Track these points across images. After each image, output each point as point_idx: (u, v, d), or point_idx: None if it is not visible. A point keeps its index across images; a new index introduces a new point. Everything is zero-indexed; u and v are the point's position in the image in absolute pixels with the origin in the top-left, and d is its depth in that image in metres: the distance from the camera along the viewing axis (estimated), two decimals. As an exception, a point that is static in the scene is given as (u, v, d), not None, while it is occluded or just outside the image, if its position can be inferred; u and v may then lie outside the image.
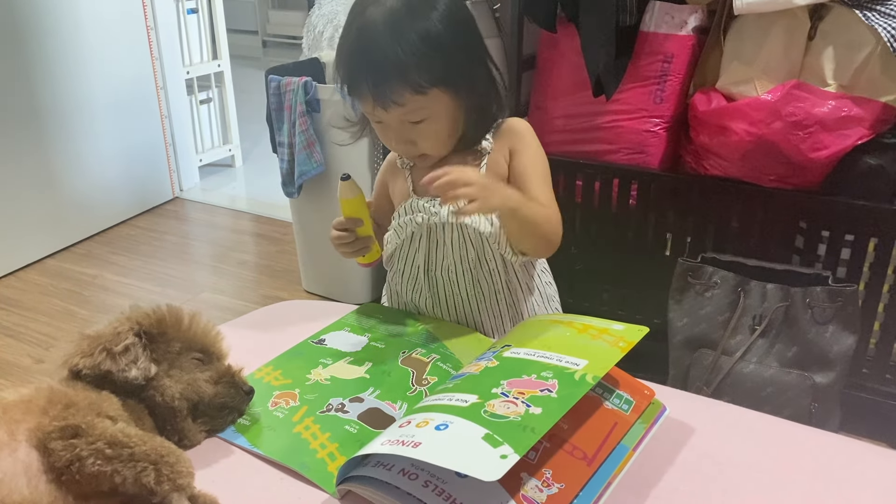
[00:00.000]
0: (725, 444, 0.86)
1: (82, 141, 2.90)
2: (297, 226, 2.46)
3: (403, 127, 1.00)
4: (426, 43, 0.93)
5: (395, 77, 0.93)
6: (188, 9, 3.33)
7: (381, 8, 0.94)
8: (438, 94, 0.97)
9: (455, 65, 0.96)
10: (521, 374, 0.79)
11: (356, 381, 0.94)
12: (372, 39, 0.94)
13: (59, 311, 2.43)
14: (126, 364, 0.77)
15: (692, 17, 1.73)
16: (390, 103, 0.95)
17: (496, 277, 1.09)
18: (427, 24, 0.94)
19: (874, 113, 1.54)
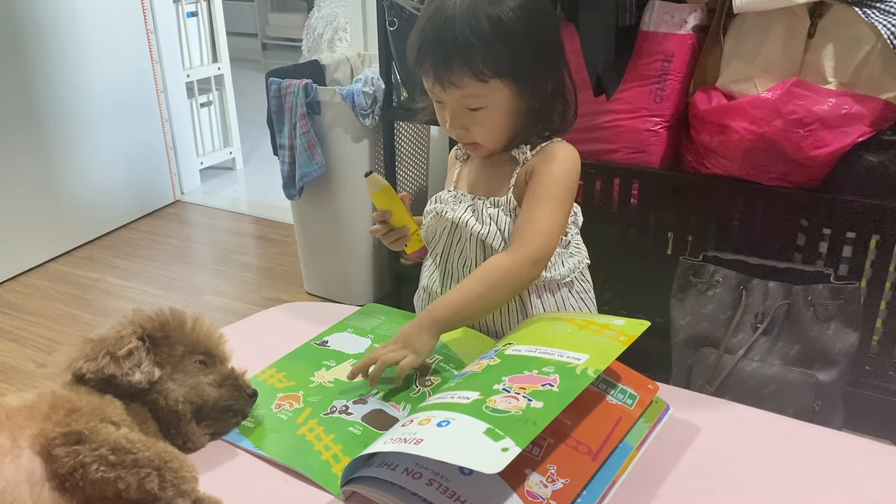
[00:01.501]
0: (730, 442, 0.87)
1: (83, 145, 2.90)
2: (298, 228, 2.46)
3: (461, 111, 0.99)
4: (497, 32, 0.93)
5: (459, 59, 0.94)
6: (188, 12, 3.33)
7: None
8: (499, 86, 0.97)
9: (522, 61, 0.96)
10: (523, 370, 0.79)
11: (359, 382, 0.94)
12: (445, 17, 0.94)
13: (62, 315, 2.43)
14: (130, 368, 0.78)
15: (692, 16, 1.72)
16: (449, 84, 0.96)
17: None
18: (502, 13, 0.93)
19: (875, 110, 1.54)
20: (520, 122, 1.01)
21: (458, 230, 1.08)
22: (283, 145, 2.24)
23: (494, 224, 1.04)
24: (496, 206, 1.05)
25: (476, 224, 1.05)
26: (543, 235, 0.98)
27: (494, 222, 1.04)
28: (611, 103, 1.80)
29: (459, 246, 1.10)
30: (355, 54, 2.53)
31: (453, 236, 1.10)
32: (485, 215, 1.05)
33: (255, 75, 4.93)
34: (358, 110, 2.13)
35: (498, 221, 1.04)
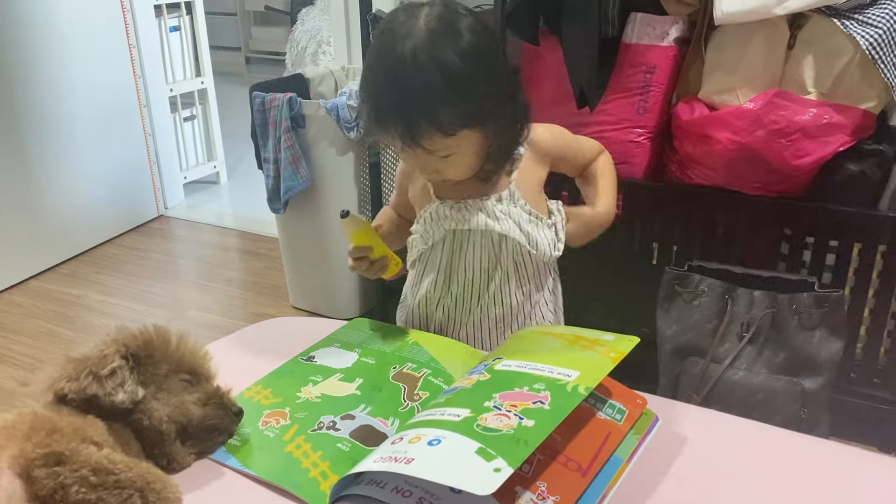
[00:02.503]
0: (719, 452, 0.86)
1: (65, 160, 2.88)
2: (283, 242, 2.45)
3: (431, 160, 1.00)
4: (454, 89, 0.92)
5: (425, 122, 0.93)
6: (171, 26, 3.32)
7: (408, 45, 0.91)
8: (467, 134, 0.97)
9: (482, 105, 0.96)
10: (514, 386, 0.79)
11: (347, 398, 0.93)
12: (401, 82, 0.92)
13: (44, 332, 2.40)
14: (113, 388, 0.76)
15: (673, 28, 1.74)
16: (417, 146, 0.95)
17: (511, 280, 1.10)
18: (455, 66, 0.91)
19: (855, 120, 1.56)
20: (493, 152, 1.02)
21: (465, 237, 1.09)
22: (267, 159, 2.23)
23: (510, 219, 1.06)
24: (500, 201, 1.06)
25: (496, 225, 1.06)
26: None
27: (509, 217, 1.06)
28: (594, 115, 1.81)
29: (462, 254, 1.10)
30: (339, 68, 2.53)
31: (455, 246, 1.10)
32: (499, 213, 1.06)
33: (239, 89, 4.92)
34: (343, 123, 2.13)
35: (511, 215, 1.06)
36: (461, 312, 1.13)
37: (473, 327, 1.13)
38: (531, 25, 1.87)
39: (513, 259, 1.09)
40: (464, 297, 1.12)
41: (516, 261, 1.09)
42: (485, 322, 1.12)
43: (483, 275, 1.10)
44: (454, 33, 0.93)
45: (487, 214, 1.06)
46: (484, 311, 1.12)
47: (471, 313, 1.12)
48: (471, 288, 1.11)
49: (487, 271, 1.10)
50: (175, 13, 3.36)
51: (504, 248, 1.08)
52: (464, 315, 1.13)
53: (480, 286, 1.11)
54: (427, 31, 0.92)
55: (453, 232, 1.09)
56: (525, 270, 1.10)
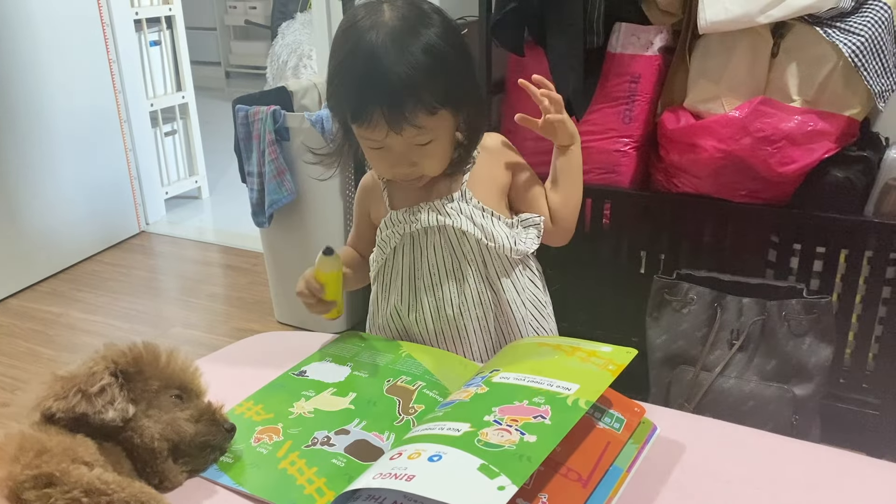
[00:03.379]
0: (717, 460, 0.86)
1: (44, 176, 2.84)
2: (268, 256, 2.43)
3: (409, 150, 0.99)
4: (434, 61, 0.93)
5: (412, 100, 0.93)
6: (151, 41, 3.30)
7: (381, 32, 0.93)
8: (446, 115, 0.98)
9: (458, 83, 0.97)
10: (513, 400, 0.78)
11: (341, 412, 0.92)
12: (381, 63, 0.92)
13: (24, 351, 2.36)
14: (103, 405, 0.74)
15: (657, 38, 1.75)
16: (407, 126, 0.94)
17: (478, 279, 1.09)
18: (430, 42, 0.93)
19: (839, 127, 1.57)
20: (457, 143, 1.04)
21: (422, 240, 1.09)
22: (251, 172, 2.22)
23: (462, 215, 1.07)
24: (451, 200, 1.07)
25: (447, 220, 1.06)
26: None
27: (461, 213, 1.07)
28: (581, 125, 1.81)
29: (423, 259, 1.10)
30: (322, 80, 2.52)
31: (415, 252, 1.10)
32: (450, 211, 1.06)
33: (219, 103, 4.90)
34: (327, 136, 2.11)
35: (463, 211, 1.07)
36: (436, 321, 1.11)
37: (452, 334, 1.11)
38: (516, 36, 1.87)
39: (476, 256, 1.08)
40: (435, 303, 1.10)
41: (481, 258, 1.08)
42: (462, 328, 1.11)
43: (449, 277, 1.09)
44: (424, 17, 0.96)
45: (438, 212, 1.07)
46: (459, 318, 1.10)
47: (446, 321, 1.10)
48: (440, 292, 1.10)
49: (453, 273, 1.09)
50: (155, 28, 3.34)
51: (463, 246, 1.07)
52: (440, 323, 1.11)
53: (449, 290, 1.09)
54: (397, 18, 0.94)
55: (410, 236, 1.09)
56: (493, 269, 1.09)
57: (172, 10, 3.38)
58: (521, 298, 1.12)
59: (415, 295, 1.11)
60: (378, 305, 1.18)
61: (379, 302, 1.18)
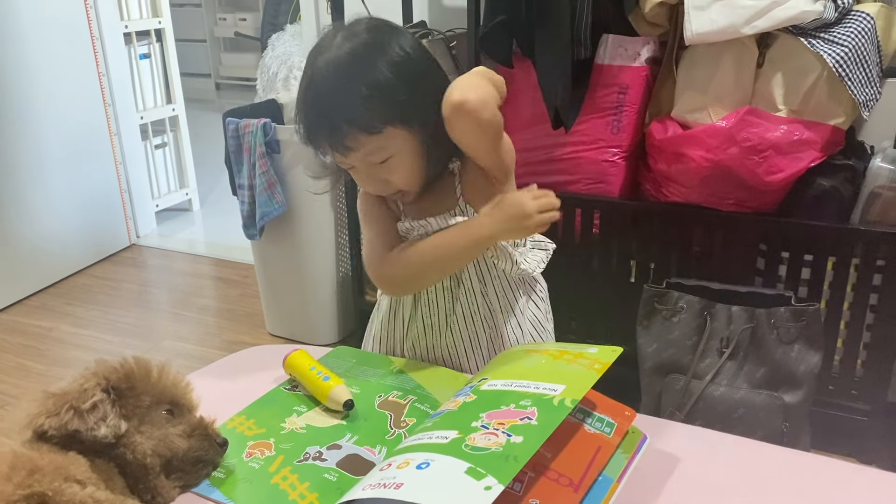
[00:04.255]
0: (708, 469, 0.86)
1: (34, 190, 2.83)
2: (259, 268, 2.43)
3: (371, 168, 1.00)
4: (371, 88, 0.94)
5: (345, 123, 0.94)
6: (140, 54, 3.30)
7: (328, 56, 0.96)
8: (394, 132, 0.97)
9: (404, 102, 0.96)
10: (500, 404, 0.78)
11: (333, 427, 0.92)
12: (320, 89, 0.96)
13: (14, 366, 2.35)
14: (95, 422, 0.74)
15: (645, 49, 1.77)
16: (346, 148, 0.96)
17: (471, 298, 1.09)
18: (372, 69, 0.94)
19: (824, 136, 1.59)
20: (430, 152, 1.01)
21: None
22: (242, 185, 2.22)
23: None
24: (454, 216, 1.05)
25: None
26: None
27: None
28: (569, 136, 1.83)
29: None
30: (312, 93, 2.52)
31: None
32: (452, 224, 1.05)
33: (210, 115, 4.90)
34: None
35: None
36: (428, 336, 1.11)
37: (442, 352, 1.11)
38: (504, 48, 1.89)
39: (472, 272, 1.08)
40: (424, 314, 1.11)
41: (477, 273, 1.08)
42: (451, 345, 1.10)
43: (445, 289, 1.09)
44: (373, 41, 0.97)
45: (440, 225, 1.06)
46: (448, 333, 1.10)
47: (437, 335, 1.10)
48: (434, 306, 1.10)
49: (448, 285, 1.09)
50: (145, 40, 3.34)
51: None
52: (431, 339, 1.11)
53: (444, 302, 1.09)
54: (344, 47, 0.96)
55: None
56: (490, 286, 1.09)
57: (162, 22, 3.38)
58: (518, 321, 1.12)
59: (414, 309, 1.11)
60: (377, 320, 1.19)
61: (380, 316, 1.18)
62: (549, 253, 1.13)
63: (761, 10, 1.54)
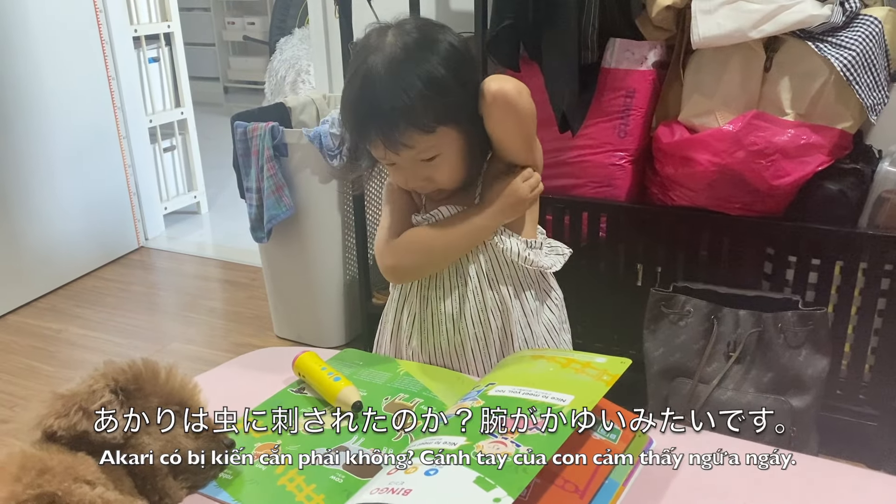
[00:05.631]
0: (714, 473, 0.86)
1: (44, 192, 2.85)
2: (267, 271, 2.44)
3: (417, 166, 1.01)
4: (428, 85, 0.96)
5: (403, 121, 0.96)
6: (150, 57, 3.32)
7: (382, 55, 0.97)
8: (445, 131, 0.99)
9: (457, 102, 0.99)
10: (508, 412, 0.78)
11: (340, 429, 0.92)
12: (376, 86, 0.97)
13: (23, 368, 2.36)
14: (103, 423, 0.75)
15: (651, 53, 1.77)
16: (400, 146, 0.98)
17: (479, 298, 1.09)
18: (428, 66, 0.96)
19: (832, 140, 1.59)
20: (473, 151, 1.04)
21: None
22: (250, 188, 2.23)
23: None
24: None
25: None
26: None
27: None
28: (576, 139, 1.83)
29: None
30: (321, 96, 2.54)
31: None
32: None
33: (218, 119, 4.92)
34: (325, 151, 2.13)
35: None
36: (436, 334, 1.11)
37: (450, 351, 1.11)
38: (512, 52, 1.89)
39: (483, 270, 1.08)
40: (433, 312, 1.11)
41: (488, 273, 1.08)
42: (459, 344, 1.11)
43: (453, 287, 1.09)
44: (425, 39, 0.99)
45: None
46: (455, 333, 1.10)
47: (445, 335, 1.10)
48: (441, 303, 1.10)
49: (456, 283, 1.09)
50: (154, 44, 3.36)
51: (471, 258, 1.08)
52: (440, 337, 1.11)
53: (452, 300, 1.09)
54: (397, 45, 0.98)
55: None
56: (501, 286, 1.09)
57: (171, 26, 3.40)
58: (529, 323, 1.12)
59: (423, 306, 1.12)
60: (387, 318, 1.19)
61: (389, 315, 1.18)
62: (566, 257, 1.13)
63: (768, 14, 1.54)
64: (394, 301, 1.17)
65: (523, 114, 1.01)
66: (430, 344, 1.11)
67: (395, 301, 1.16)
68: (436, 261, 1.08)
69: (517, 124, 1.03)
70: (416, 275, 1.11)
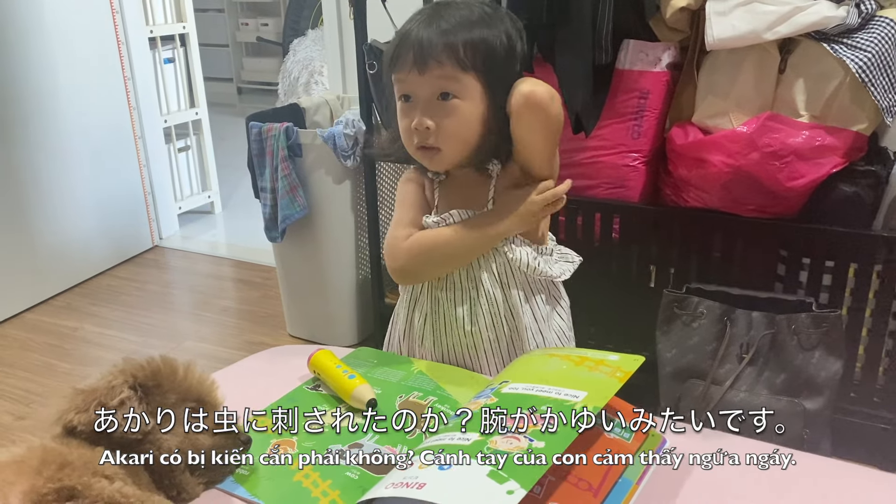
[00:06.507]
0: (727, 474, 0.86)
1: (60, 192, 2.88)
2: (280, 270, 2.45)
3: (432, 102, 1.00)
4: (482, 40, 0.99)
5: (445, 45, 0.98)
6: (165, 58, 3.35)
7: (444, 3, 1.02)
8: (473, 82, 0.99)
9: (497, 70, 1.00)
10: (521, 409, 0.79)
11: (355, 426, 0.93)
12: (441, 10, 1.01)
13: (40, 365, 2.39)
14: (122, 419, 0.76)
15: (665, 54, 1.77)
16: (431, 61, 0.98)
17: (492, 301, 1.08)
18: (489, 30, 1.00)
19: (847, 141, 1.58)
20: (486, 129, 1.02)
21: None
22: (264, 188, 2.24)
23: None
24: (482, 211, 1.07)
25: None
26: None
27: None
28: (589, 140, 1.83)
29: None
30: (334, 97, 2.55)
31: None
32: None
33: (231, 119, 4.95)
34: (339, 152, 2.14)
35: None
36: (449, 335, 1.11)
37: (462, 354, 1.12)
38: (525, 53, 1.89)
39: (495, 275, 1.08)
40: (446, 312, 1.11)
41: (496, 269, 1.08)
42: (471, 347, 1.11)
43: (465, 290, 1.09)
44: (497, 13, 1.03)
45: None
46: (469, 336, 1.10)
47: (458, 338, 1.11)
48: (452, 306, 1.10)
49: (469, 286, 1.09)
50: (169, 45, 3.39)
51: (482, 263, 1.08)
52: (456, 337, 1.11)
53: (464, 301, 1.10)
54: (465, 2, 1.03)
55: None
56: (512, 290, 1.09)
57: (186, 27, 3.43)
58: (541, 328, 1.12)
59: (435, 307, 1.12)
60: (399, 316, 1.20)
61: (402, 313, 1.19)
62: (575, 265, 1.13)
63: (783, 15, 1.54)
64: (404, 300, 1.17)
65: (552, 120, 1.01)
66: (443, 345, 1.12)
67: (406, 301, 1.16)
68: (443, 266, 1.08)
69: (545, 129, 1.02)
70: (422, 278, 1.11)
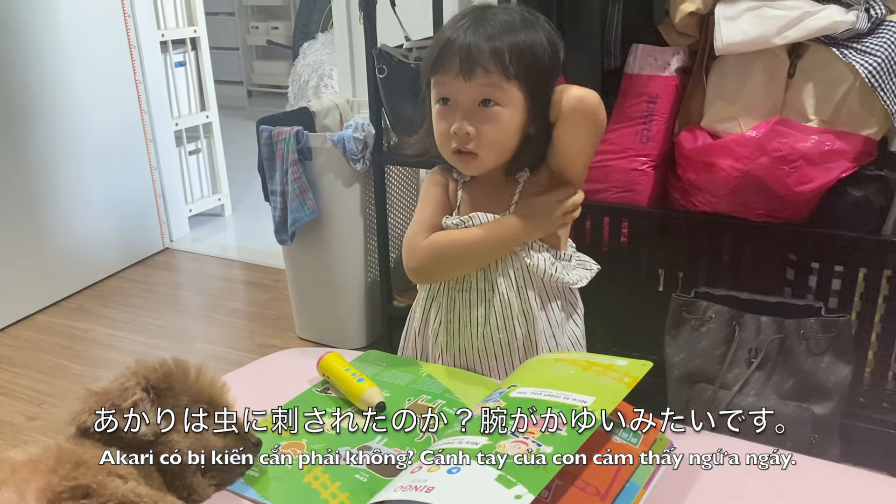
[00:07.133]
0: (734, 478, 0.87)
1: (71, 194, 2.90)
2: (290, 273, 2.47)
3: (473, 109, 1.00)
4: (527, 45, 0.99)
5: (491, 52, 0.98)
6: (176, 62, 3.37)
7: (489, 6, 1.03)
8: (516, 92, 1.00)
9: (540, 76, 1.01)
10: (529, 413, 0.79)
11: (364, 428, 0.94)
12: (487, 15, 1.01)
13: (51, 366, 2.41)
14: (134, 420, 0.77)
15: (674, 59, 1.77)
16: (478, 67, 0.98)
17: (506, 304, 1.09)
18: (534, 35, 1.01)
19: (856, 146, 1.58)
20: (525, 138, 1.03)
21: None
22: (274, 191, 2.26)
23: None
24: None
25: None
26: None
27: None
28: (599, 144, 1.83)
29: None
30: (344, 101, 2.56)
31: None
32: None
33: (242, 122, 4.97)
34: (349, 155, 2.15)
35: None
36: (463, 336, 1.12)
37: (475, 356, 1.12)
38: (534, 57, 1.90)
39: (511, 278, 1.09)
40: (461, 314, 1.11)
41: (513, 276, 1.09)
42: (482, 349, 1.11)
43: (481, 292, 1.10)
44: (539, 19, 1.04)
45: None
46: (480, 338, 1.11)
47: (469, 340, 1.11)
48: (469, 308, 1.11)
49: (485, 288, 1.10)
50: (180, 49, 3.41)
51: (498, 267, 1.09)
52: (468, 340, 1.12)
53: (480, 305, 1.10)
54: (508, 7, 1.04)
55: None
56: (528, 294, 1.09)
57: (197, 31, 3.45)
58: (555, 333, 1.13)
59: (451, 308, 1.12)
60: (415, 315, 1.20)
61: (418, 312, 1.19)
62: (593, 273, 1.14)
63: (793, 20, 1.54)
64: (422, 298, 1.18)
65: (599, 126, 1.03)
66: (456, 345, 1.13)
67: (423, 299, 1.17)
68: (460, 267, 1.09)
69: (592, 135, 1.04)
70: (438, 278, 1.12)
